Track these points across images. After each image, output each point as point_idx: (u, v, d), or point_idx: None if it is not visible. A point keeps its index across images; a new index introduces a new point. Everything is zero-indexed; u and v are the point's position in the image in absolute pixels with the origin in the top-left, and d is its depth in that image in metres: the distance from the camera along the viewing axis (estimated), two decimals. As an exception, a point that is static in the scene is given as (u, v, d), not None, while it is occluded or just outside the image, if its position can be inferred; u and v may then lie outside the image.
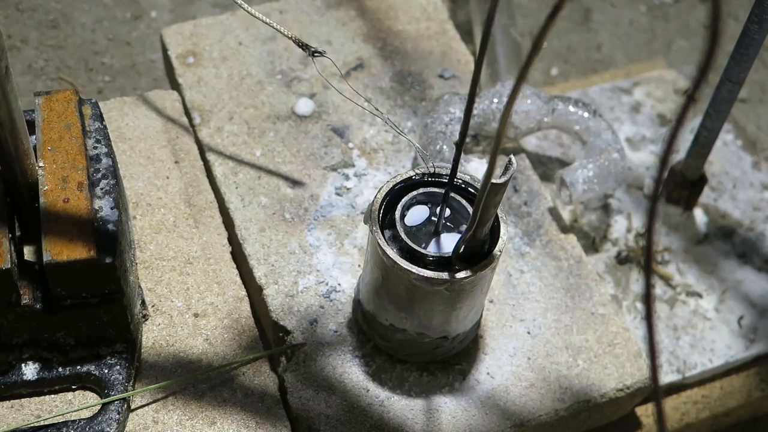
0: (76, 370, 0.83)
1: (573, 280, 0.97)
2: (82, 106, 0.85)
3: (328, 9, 1.15)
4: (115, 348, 0.83)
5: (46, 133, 0.81)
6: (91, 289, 0.77)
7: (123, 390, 0.81)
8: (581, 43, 1.71)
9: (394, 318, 0.84)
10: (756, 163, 1.19)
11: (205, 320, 0.89)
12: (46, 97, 0.84)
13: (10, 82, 0.70)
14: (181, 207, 0.96)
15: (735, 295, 1.07)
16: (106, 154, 0.82)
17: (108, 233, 0.76)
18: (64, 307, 0.78)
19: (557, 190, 1.02)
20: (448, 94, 1.03)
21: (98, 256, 0.74)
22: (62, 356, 0.82)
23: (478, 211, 0.71)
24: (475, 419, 0.87)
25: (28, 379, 0.82)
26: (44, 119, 0.82)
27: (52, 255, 0.74)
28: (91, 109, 0.85)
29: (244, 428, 0.84)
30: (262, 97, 1.07)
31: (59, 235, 0.75)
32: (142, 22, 1.61)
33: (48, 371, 0.82)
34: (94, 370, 0.83)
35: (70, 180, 0.78)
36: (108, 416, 0.80)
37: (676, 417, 1.03)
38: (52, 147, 0.80)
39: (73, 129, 0.82)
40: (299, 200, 0.99)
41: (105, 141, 0.83)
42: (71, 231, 0.75)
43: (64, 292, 0.77)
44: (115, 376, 0.82)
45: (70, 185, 0.78)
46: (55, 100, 0.84)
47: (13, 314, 0.78)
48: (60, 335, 0.81)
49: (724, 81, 0.96)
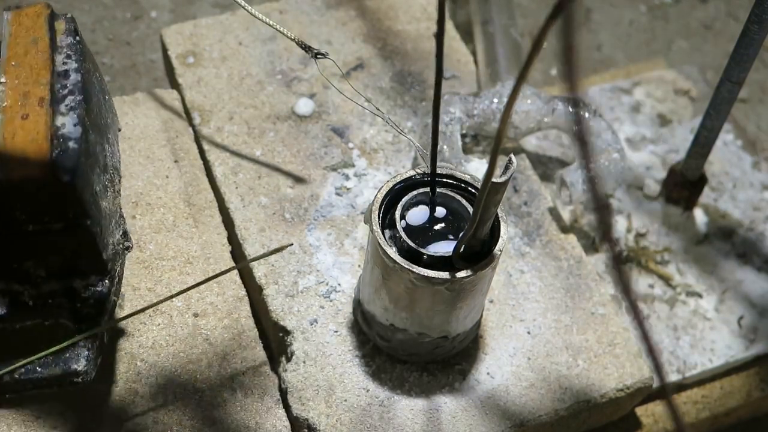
0: (48, 304, 0.78)
1: (573, 280, 0.97)
2: (55, 21, 0.80)
3: (328, 9, 1.15)
4: (89, 281, 0.78)
5: (12, 48, 0.77)
6: (53, 213, 0.72)
7: (97, 325, 0.78)
8: (581, 43, 1.71)
9: (395, 318, 0.84)
10: (756, 163, 1.19)
11: (204, 320, 0.89)
12: (16, 12, 0.79)
13: None
14: (180, 206, 0.96)
15: (735, 295, 1.07)
16: (75, 69, 0.77)
17: (68, 151, 0.71)
18: (27, 233, 0.73)
19: (557, 190, 1.02)
20: (448, 94, 1.03)
21: (55, 174, 0.69)
22: (33, 289, 0.77)
23: (479, 211, 0.71)
24: (475, 419, 0.87)
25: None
26: (11, 34, 0.78)
27: (7, 173, 0.69)
28: (65, 24, 0.80)
29: (243, 428, 0.84)
30: (262, 97, 1.07)
31: (15, 152, 0.70)
32: (142, 22, 1.61)
33: (19, 305, 0.77)
34: (67, 303, 0.78)
35: (31, 95, 0.74)
36: (77, 352, 0.77)
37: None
38: (16, 62, 0.76)
39: (40, 43, 0.77)
40: (299, 200, 0.99)
41: (76, 56, 0.78)
42: (28, 149, 0.71)
43: (23, 216, 0.72)
44: (88, 311, 0.78)
45: (31, 101, 0.73)
46: (24, 15, 0.79)
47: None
48: (29, 266, 0.76)
49: (724, 81, 0.96)
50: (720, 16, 1.78)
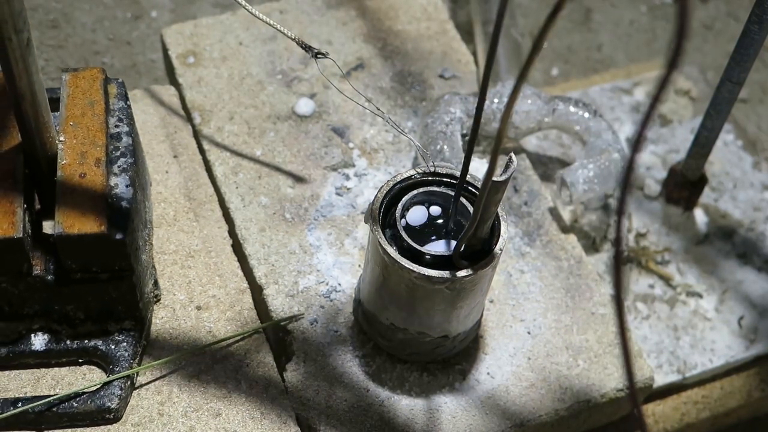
0: (83, 344, 0.84)
1: (573, 280, 0.97)
2: (108, 85, 0.86)
3: (328, 9, 1.16)
4: (123, 325, 0.84)
5: (69, 109, 0.83)
6: (102, 265, 0.78)
7: (128, 367, 0.83)
8: (582, 43, 1.71)
9: (395, 317, 0.84)
10: (756, 164, 1.19)
11: (207, 312, 0.90)
12: (73, 74, 0.85)
13: (32, 54, 0.72)
14: (180, 201, 0.97)
15: (735, 295, 1.07)
16: (127, 132, 0.83)
17: (121, 210, 0.77)
18: (74, 280, 0.79)
19: (557, 190, 1.02)
20: (449, 94, 1.03)
21: (109, 232, 0.76)
22: (71, 329, 0.83)
23: (479, 210, 0.71)
24: (475, 419, 0.87)
25: (36, 350, 0.83)
26: (69, 95, 0.84)
27: (64, 227, 0.75)
28: (116, 88, 0.87)
29: (249, 419, 0.84)
30: (262, 97, 1.07)
31: (73, 208, 0.76)
32: (142, 22, 1.61)
33: (56, 343, 0.84)
34: (101, 345, 0.84)
35: (89, 155, 0.80)
36: (111, 391, 0.82)
37: (676, 417, 1.03)
38: (74, 122, 0.82)
39: (96, 106, 0.83)
40: (299, 200, 0.99)
41: (127, 120, 0.84)
42: (85, 205, 0.77)
43: (74, 265, 0.78)
44: (121, 353, 0.83)
45: (88, 161, 0.79)
46: (81, 78, 0.85)
47: (25, 284, 0.79)
48: (70, 308, 0.82)
49: (725, 81, 0.96)
50: (720, 16, 1.78)
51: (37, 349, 0.83)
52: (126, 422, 0.83)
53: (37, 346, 0.83)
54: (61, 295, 0.80)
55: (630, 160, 0.43)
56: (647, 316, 1.05)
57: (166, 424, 0.83)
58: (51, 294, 0.80)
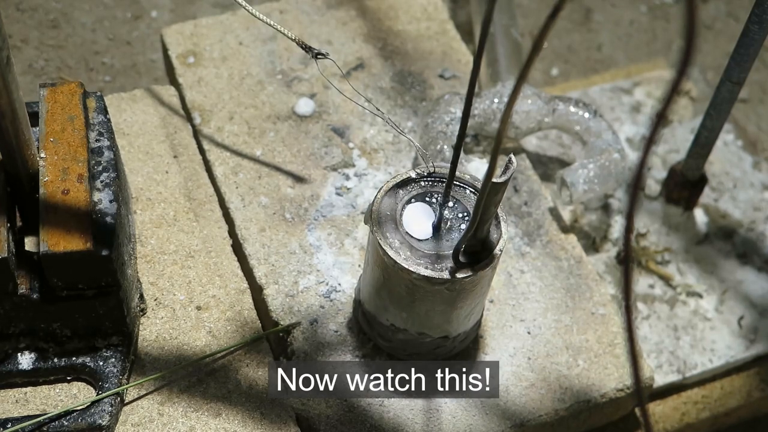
0: (71, 362, 0.83)
1: (573, 280, 0.97)
2: (87, 99, 0.85)
3: (328, 9, 1.16)
4: (111, 341, 0.83)
5: (49, 125, 0.82)
6: (88, 281, 0.78)
7: (117, 383, 0.82)
8: (582, 43, 1.71)
9: (395, 318, 0.84)
10: (756, 164, 1.19)
11: (207, 313, 0.90)
12: (51, 89, 0.84)
13: (11, 72, 0.70)
14: (180, 201, 0.97)
15: (735, 295, 1.07)
16: (108, 147, 0.82)
17: (106, 226, 0.77)
18: (60, 298, 0.78)
19: (558, 190, 1.02)
20: (449, 94, 1.03)
21: (95, 248, 0.75)
22: (58, 347, 0.83)
23: (479, 211, 0.71)
24: (475, 419, 0.87)
25: (24, 369, 0.83)
26: (48, 111, 0.83)
27: (49, 245, 0.74)
28: (95, 102, 0.85)
29: (249, 419, 0.84)
30: (262, 97, 1.07)
31: (57, 226, 0.75)
32: (142, 22, 1.61)
33: (43, 361, 0.83)
34: (89, 361, 0.83)
35: (71, 171, 0.79)
36: (101, 408, 0.81)
37: (676, 417, 1.03)
38: (55, 138, 0.81)
39: (76, 121, 0.82)
40: (299, 200, 0.99)
41: (108, 134, 0.83)
42: (69, 222, 0.76)
43: (60, 283, 0.77)
44: (110, 369, 0.83)
45: (71, 177, 0.78)
46: (59, 92, 0.84)
47: (10, 303, 0.78)
48: (56, 326, 0.81)
49: (725, 81, 0.96)
50: (720, 16, 1.78)
51: (24, 368, 0.82)
52: (126, 422, 0.83)
53: (24, 365, 0.82)
54: (47, 313, 0.79)
55: (640, 165, 0.42)
56: (647, 316, 1.05)
57: (166, 424, 0.83)
58: (37, 312, 0.79)
